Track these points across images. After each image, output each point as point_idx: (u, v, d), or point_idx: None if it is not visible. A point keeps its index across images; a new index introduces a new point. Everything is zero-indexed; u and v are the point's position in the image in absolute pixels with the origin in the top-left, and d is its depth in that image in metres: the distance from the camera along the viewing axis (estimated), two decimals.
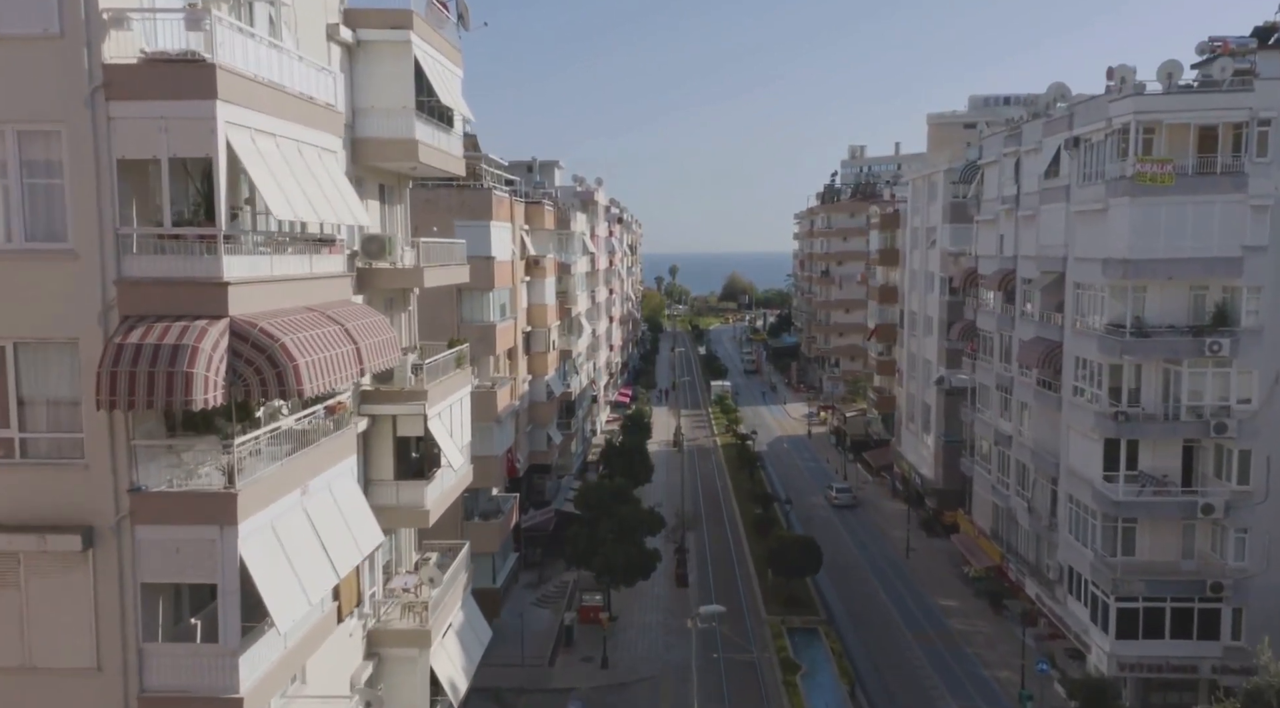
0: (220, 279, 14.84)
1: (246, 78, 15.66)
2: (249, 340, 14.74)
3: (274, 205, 15.22)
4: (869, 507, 73.70)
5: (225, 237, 14.97)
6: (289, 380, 14.78)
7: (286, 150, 16.98)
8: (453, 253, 29.85)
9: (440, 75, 26.47)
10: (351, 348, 17.13)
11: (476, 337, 47.69)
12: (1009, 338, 52.09)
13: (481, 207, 47.45)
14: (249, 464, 15.93)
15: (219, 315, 14.79)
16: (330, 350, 16.21)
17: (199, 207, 15.18)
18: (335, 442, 18.77)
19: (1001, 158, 52.94)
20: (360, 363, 17.45)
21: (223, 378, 14.43)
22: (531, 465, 63.28)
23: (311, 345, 15.65)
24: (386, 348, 19.12)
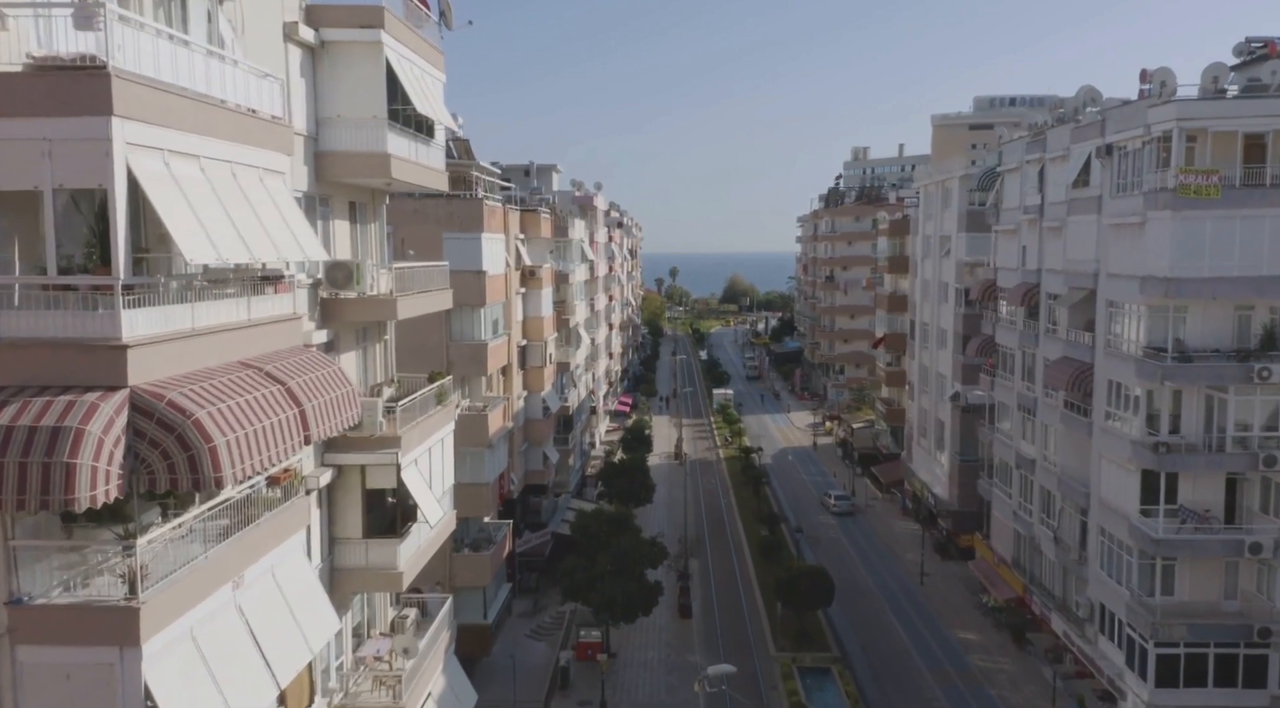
0: (117, 340, 11.89)
1: (158, 88, 12.70)
2: (154, 417, 11.80)
3: (188, 248, 12.26)
4: (880, 527, 70.71)
5: (126, 287, 12.01)
6: (204, 467, 11.84)
7: (216, 175, 14.03)
8: (433, 277, 26.90)
9: (417, 80, 23.52)
10: (293, 412, 14.18)
11: (467, 356, 44.85)
12: (1032, 356, 49.14)
13: (472, 218, 44.48)
14: (166, 554, 13.01)
15: (115, 386, 11.85)
16: (263, 421, 13.26)
17: (93, 249, 12.21)
18: (281, 517, 15.82)
19: (1024, 165, 49.97)
20: (306, 430, 14.50)
21: (119, 467, 11.49)
22: (527, 486, 60.37)
23: (237, 418, 12.69)
24: (341, 406, 16.17)
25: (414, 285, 25.50)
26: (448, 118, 25.58)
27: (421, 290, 25.20)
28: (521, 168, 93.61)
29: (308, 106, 21.47)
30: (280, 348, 16.00)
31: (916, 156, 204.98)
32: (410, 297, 23.88)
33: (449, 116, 25.89)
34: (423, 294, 25.06)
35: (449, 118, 25.78)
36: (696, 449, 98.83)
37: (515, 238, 56.74)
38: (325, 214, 22.53)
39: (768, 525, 65.38)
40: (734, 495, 77.92)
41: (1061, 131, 45.48)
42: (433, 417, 25.21)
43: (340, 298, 21.96)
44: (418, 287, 25.62)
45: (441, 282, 27.35)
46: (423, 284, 26.20)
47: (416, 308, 24.51)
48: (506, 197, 59.63)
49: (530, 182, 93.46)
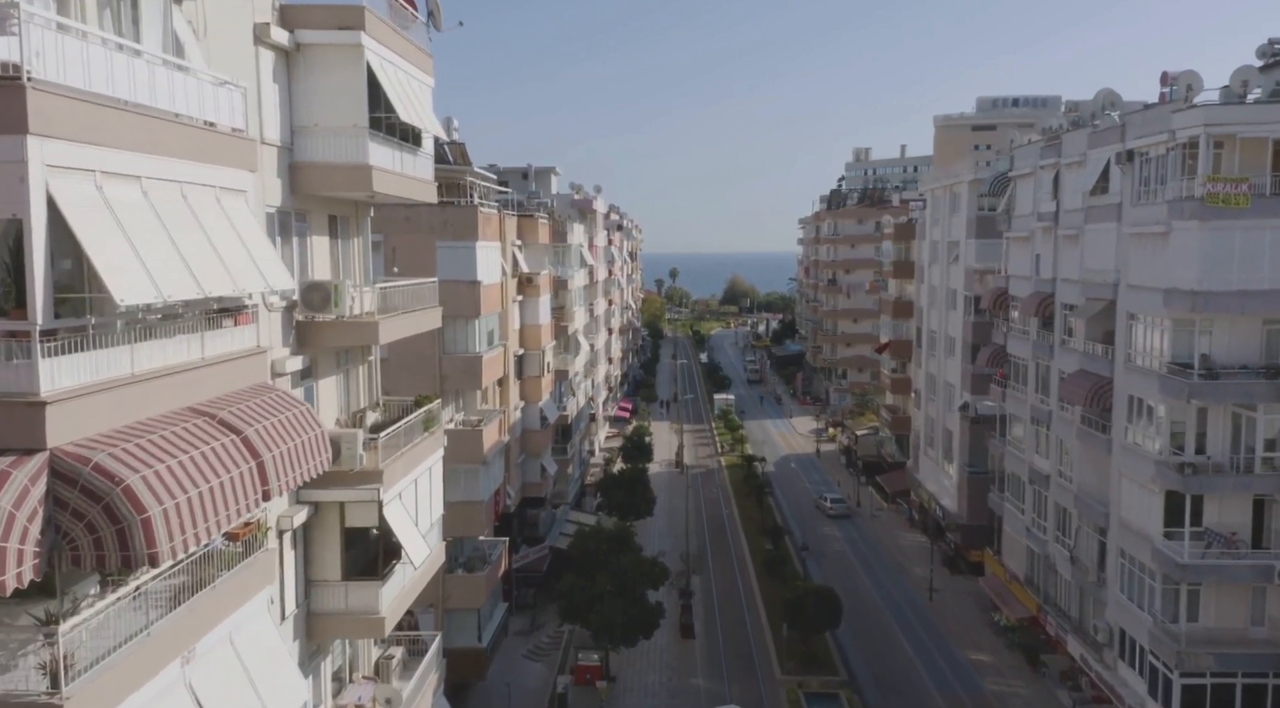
0: (34, 395, 10.23)
1: (89, 102, 11.05)
2: (78, 483, 10.15)
3: (118, 287, 10.60)
4: (885, 539, 69.04)
5: (47, 332, 10.36)
6: (135, 542, 10.19)
7: (162, 198, 12.38)
8: (421, 295, 25.24)
9: (402, 86, 21.86)
10: (250, 466, 12.52)
11: (461, 370, 43.21)
12: (1046, 367, 47.49)
13: (466, 226, 42.83)
14: (104, 627, 11.37)
15: (33, 448, 10.20)
16: (212, 480, 11.61)
17: (9, 289, 10.54)
18: (241, 576, 14.16)
19: (1038, 170, 48.31)
20: (264, 485, 12.85)
21: (35, 545, 9.83)
22: (524, 498, 58.75)
23: (180, 479, 11.05)
24: (308, 453, 14.52)
25: (399, 305, 23.87)
26: (436, 125, 23.92)
27: (408, 310, 23.53)
28: (519, 171, 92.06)
29: (281, 114, 19.82)
30: (241, 387, 14.35)
31: (919, 157, 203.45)
32: (395, 318, 22.21)
33: (437, 124, 24.22)
34: (409, 314, 23.39)
35: (437, 125, 24.11)
36: (697, 456, 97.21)
37: (512, 244, 55.14)
38: (301, 230, 20.88)
39: (771, 538, 63.73)
40: (736, 505, 76.26)
41: (1078, 136, 43.83)
42: (419, 445, 23.56)
43: (317, 321, 20.30)
44: (403, 306, 23.98)
45: (430, 299, 25.69)
46: (409, 303, 24.56)
47: (401, 330, 22.85)
48: (503, 202, 58.00)
49: (528, 185, 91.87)
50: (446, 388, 43.22)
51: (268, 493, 12.93)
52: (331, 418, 22.41)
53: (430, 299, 25.72)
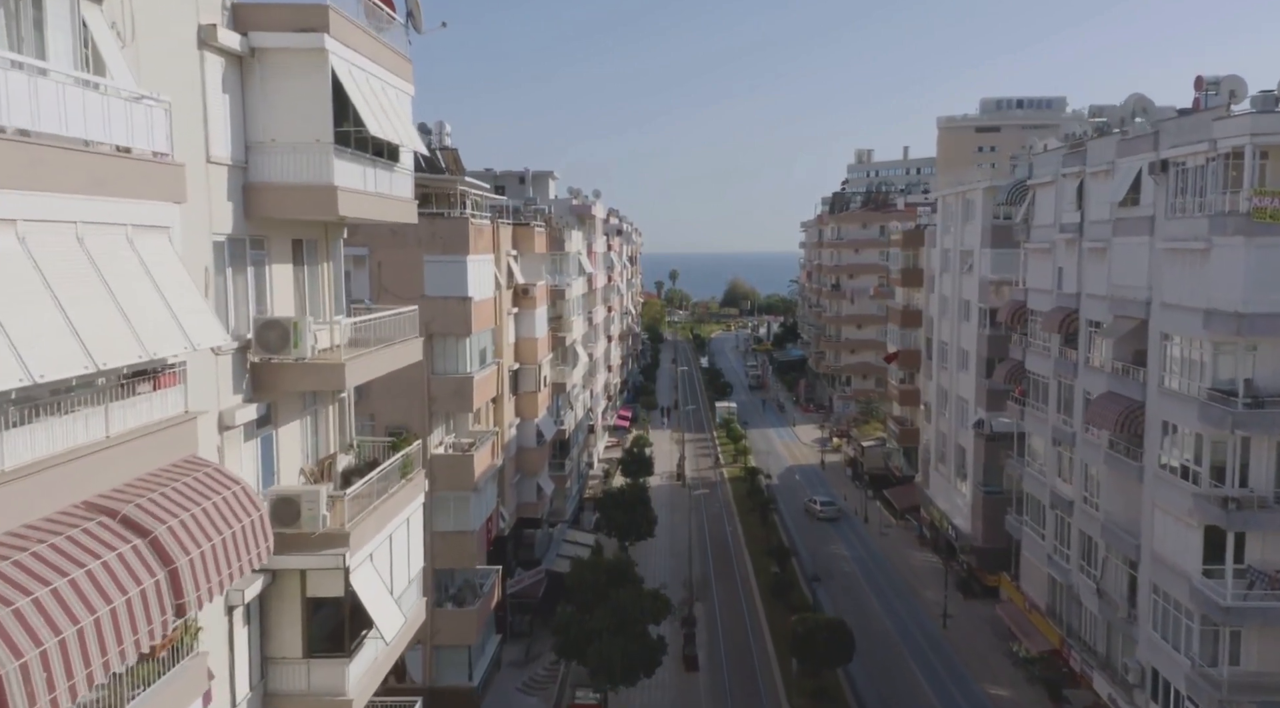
0: None
1: None
2: None
3: None
4: (895, 558, 66.53)
5: None
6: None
7: (46, 246, 9.91)
8: (400, 326, 22.75)
9: (374, 95, 19.38)
10: (156, 579, 10.04)
11: (451, 392, 40.72)
12: (1069, 387, 45.02)
13: (456, 239, 40.33)
14: None
15: None
16: (96, 611, 9.11)
17: None
18: (161, 696, 11.65)
19: (1060, 178, 45.83)
20: (179, 598, 10.37)
21: None
22: (519, 519, 56.31)
23: (49, 618, 8.54)
24: (240, 547, 12.05)
25: (374, 339, 21.39)
26: (415, 139, 21.44)
27: (383, 345, 21.02)
28: (516, 175, 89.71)
29: (233, 129, 17.34)
30: (162, 465, 11.86)
31: (922, 159, 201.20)
32: (366, 356, 19.71)
33: (416, 137, 21.74)
34: (384, 350, 20.88)
35: (416, 139, 21.63)
36: (699, 468, 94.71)
37: (507, 255, 52.70)
38: (259, 259, 18.39)
39: (777, 559, 61.23)
40: (740, 522, 73.73)
41: (1105, 143, 41.36)
42: (396, 495, 21.07)
43: (275, 363, 17.82)
44: (379, 340, 21.50)
45: (409, 331, 23.18)
46: (389, 334, 22.10)
47: (374, 369, 20.36)
48: (497, 210, 55.56)
49: (525, 189, 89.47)
50: (436, 410, 40.78)
51: (183, 608, 10.46)
52: (295, 468, 19.94)
53: (409, 330, 23.22)
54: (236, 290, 17.55)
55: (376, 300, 40.26)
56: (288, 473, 19.44)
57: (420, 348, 23.69)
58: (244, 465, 17.53)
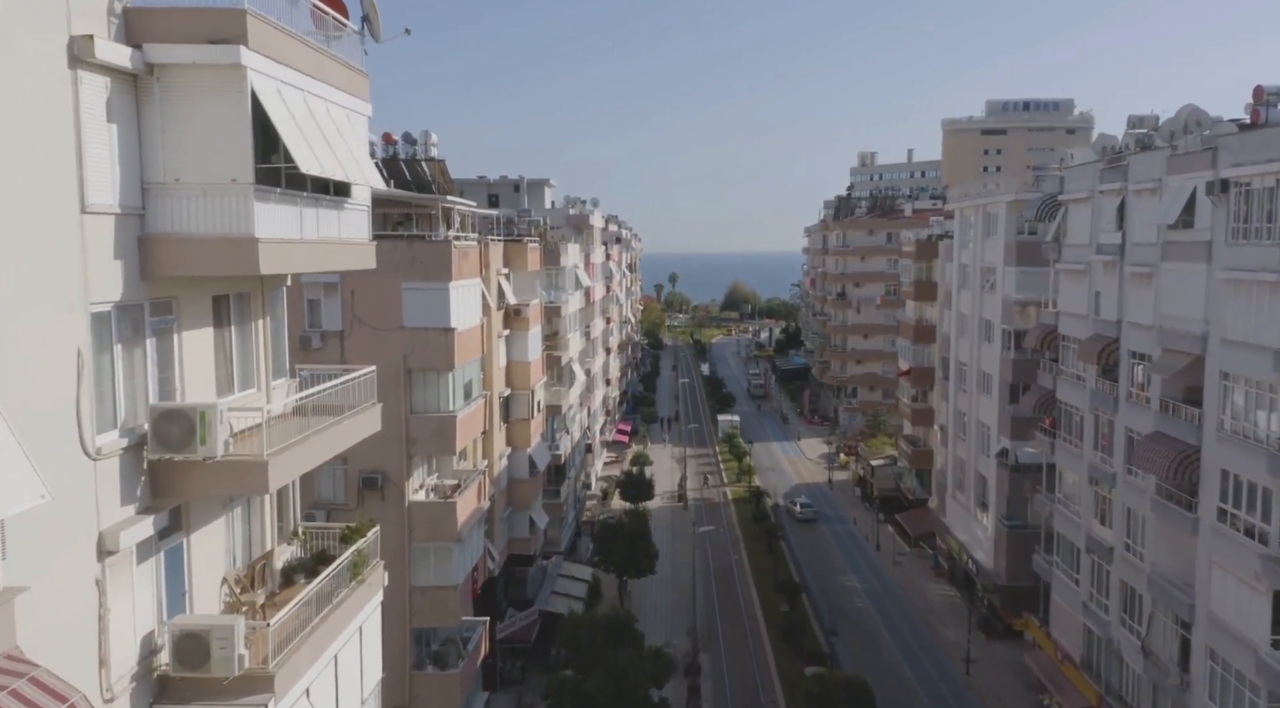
0: None
1: None
2: None
3: None
4: (911, 591, 62.78)
5: None
6: None
7: None
8: (355, 393, 19.00)
9: (313, 122, 15.66)
10: None
11: (431, 433, 36.95)
12: (1109, 423, 41.29)
13: (439, 264, 36.57)
14: None
15: None
16: None
17: None
18: None
19: (1096, 195, 42.12)
20: None
21: None
22: (511, 556, 52.58)
23: None
24: None
25: (324, 409, 17.67)
26: (367, 171, 17.72)
27: (326, 425, 17.25)
28: (511, 183, 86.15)
29: (123, 168, 13.61)
30: None
31: (927, 162, 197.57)
32: (298, 447, 15.89)
33: (369, 169, 18.00)
34: (325, 431, 17.10)
35: (369, 171, 17.91)
36: (701, 488, 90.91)
37: (497, 274, 48.99)
38: (162, 327, 14.67)
39: (787, 597, 57.49)
40: (745, 551, 69.94)
41: (1151, 159, 37.64)
42: (341, 606, 17.35)
43: (178, 462, 14.08)
44: (328, 411, 17.77)
45: (364, 396, 19.43)
46: (340, 403, 18.37)
47: (311, 458, 16.61)
48: (488, 226, 51.91)
49: (520, 198, 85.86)
50: (415, 453, 37.03)
51: None
52: (217, 578, 16.20)
53: (365, 396, 19.46)
54: (129, 371, 13.84)
55: (349, 332, 36.63)
56: (204, 588, 15.72)
57: (378, 416, 19.94)
58: (137, 597, 13.80)
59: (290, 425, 16.90)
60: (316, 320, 36.52)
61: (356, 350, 36.37)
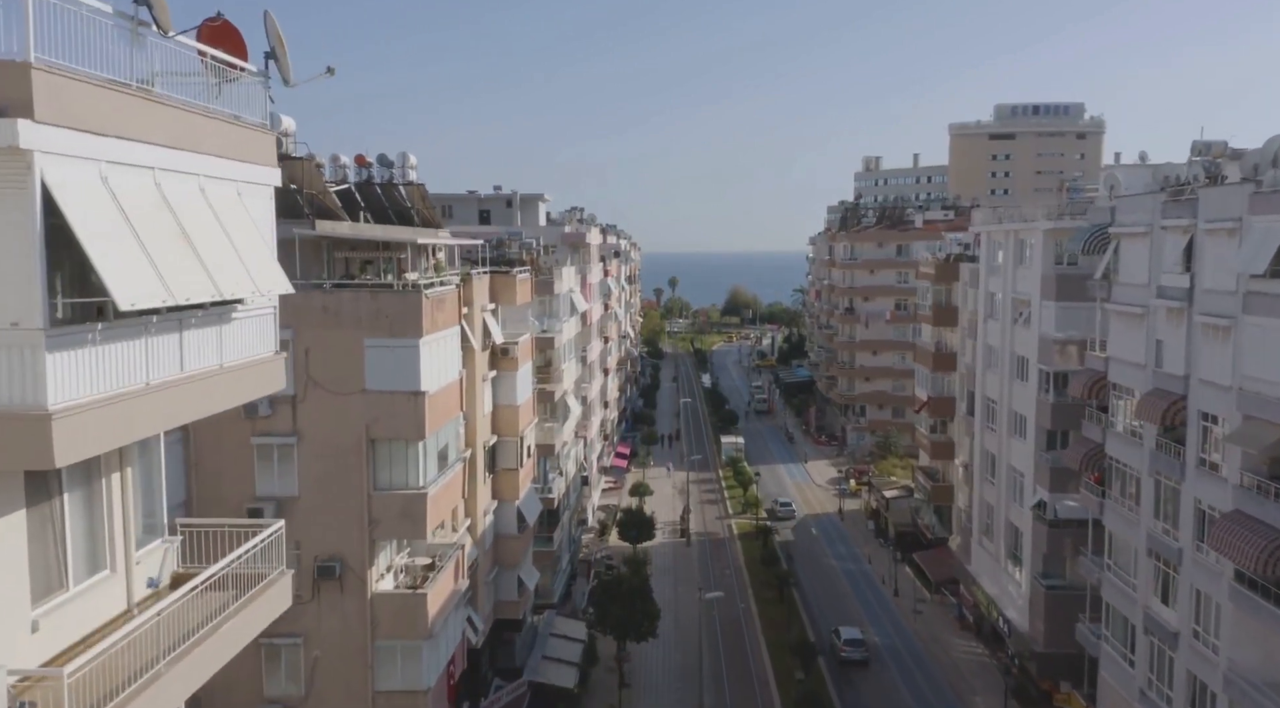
0: None
1: None
2: None
3: None
4: (934, 648, 57.78)
5: None
6: None
7: None
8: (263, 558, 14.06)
9: (167, 215, 10.66)
10: None
11: (397, 512, 31.98)
12: (1173, 490, 36.34)
13: (407, 317, 31.56)
14: None
15: None
16: None
17: None
18: None
19: (1157, 230, 37.16)
20: None
21: None
22: (497, 620, 47.64)
23: None
24: None
25: (207, 597, 12.74)
26: (260, 276, 12.77)
27: (205, 634, 12.28)
28: (504, 198, 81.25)
29: None
30: None
31: (933, 167, 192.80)
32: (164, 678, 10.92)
33: (265, 270, 13.03)
34: (205, 643, 12.13)
35: (264, 274, 12.95)
36: (704, 518, 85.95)
37: (483, 310, 44.11)
38: None
39: (801, 660, 52.45)
40: (753, 598, 64.83)
41: (1228, 194, 32.70)
42: None
43: None
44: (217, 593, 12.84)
45: (271, 560, 14.47)
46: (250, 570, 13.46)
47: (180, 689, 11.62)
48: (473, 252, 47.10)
49: (513, 213, 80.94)
50: (379, 537, 32.05)
51: None
52: None
53: (272, 560, 14.49)
54: None
55: (302, 397, 31.63)
56: None
57: (288, 590, 14.98)
58: None
59: (166, 621, 11.98)
60: None
61: (311, 418, 31.49)
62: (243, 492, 31.50)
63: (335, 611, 31.62)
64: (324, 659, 31.63)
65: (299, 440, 31.49)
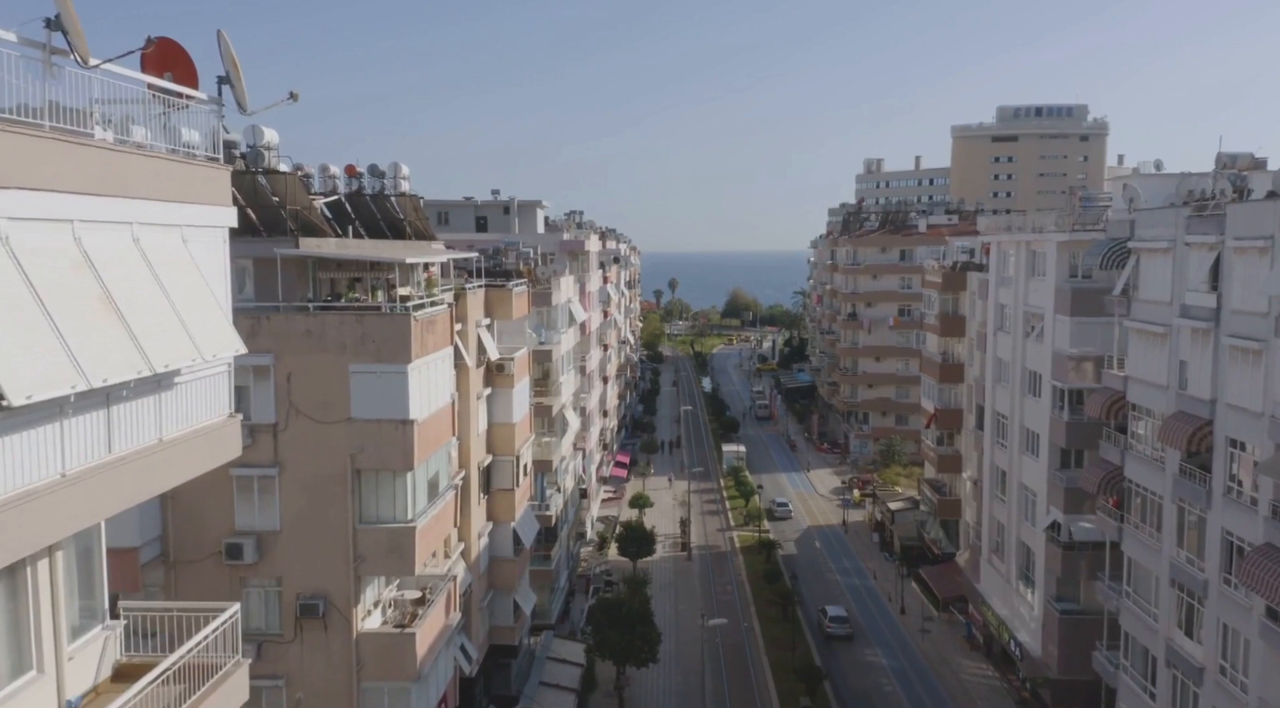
0: None
1: None
2: None
3: None
4: (943, 670, 56.14)
5: None
6: None
7: None
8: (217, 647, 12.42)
9: (88, 276, 9.05)
10: None
11: (384, 546, 30.34)
12: (1199, 518, 34.72)
13: (395, 341, 29.93)
14: None
15: None
16: None
17: None
18: None
19: (1180, 246, 35.54)
20: None
21: None
22: (492, 646, 46.03)
23: None
24: None
25: None
26: (204, 339, 11.12)
27: None
28: (501, 205, 79.86)
29: None
30: None
31: (935, 170, 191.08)
32: None
33: (211, 331, 11.38)
34: None
35: (210, 336, 11.30)
36: (706, 530, 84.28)
37: (477, 326, 42.48)
38: None
39: (807, 686, 50.80)
40: (756, 616, 63.19)
41: (1258, 211, 31.08)
42: None
43: None
44: None
45: (225, 651, 12.82)
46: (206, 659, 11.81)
47: None
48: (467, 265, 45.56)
49: (510, 220, 79.50)
50: (364, 573, 30.42)
51: None
52: None
53: (226, 650, 12.85)
54: None
55: (283, 426, 30.01)
56: None
57: (244, 685, 13.32)
58: None
59: None
60: (244, 411, 29.82)
61: (293, 448, 29.87)
62: (221, 526, 29.88)
63: (319, 651, 30.00)
64: (307, 703, 30.00)
65: (280, 471, 29.87)
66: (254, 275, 31.11)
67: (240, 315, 29.98)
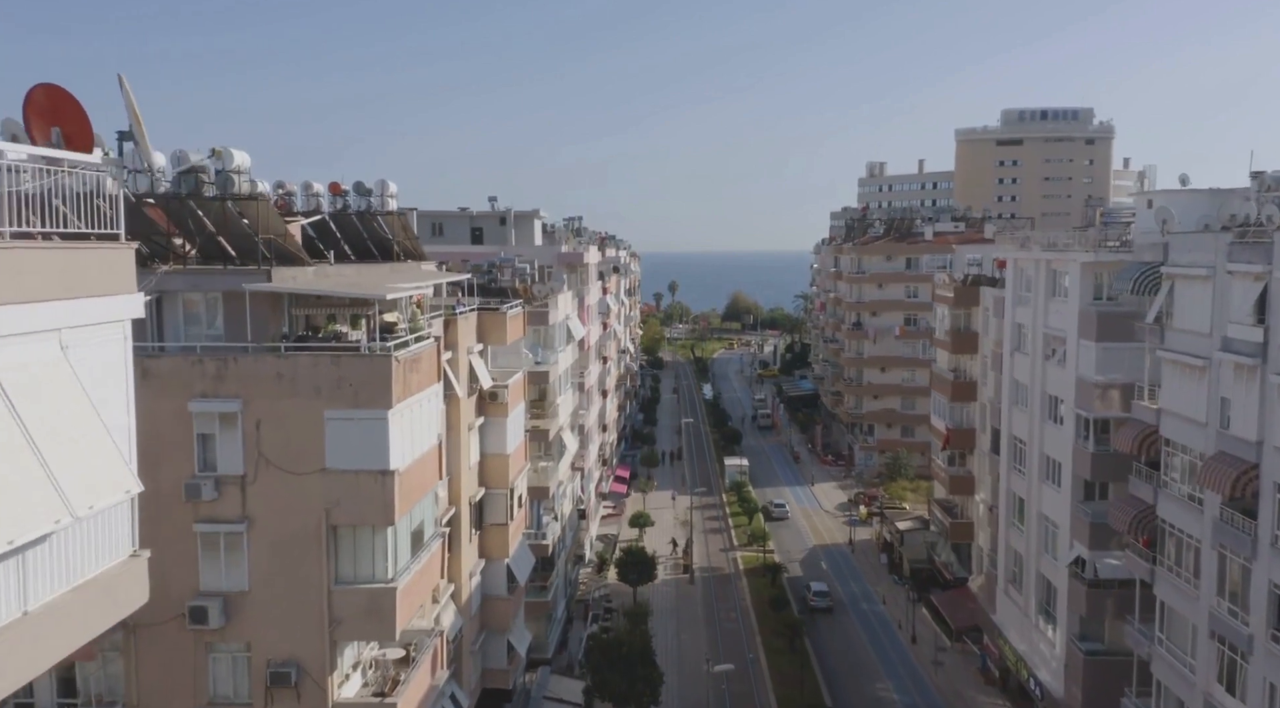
0: None
1: None
2: None
3: None
4: (957, 705, 53.67)
5: None
6: None
7: None
8: None
9: None
10: None
11: (362, 609, 27.80)
12: (1242, 568, 32.26)
13: (374, 386, 27.38)
14: None
15: None
16: None
17: None
18: None
19: (1221, 274, 33.07)
20: None
21: None
22: (485, 690, 43.63)
23: None
24: None
25: None
26: (98, 481, 8.62)
27: None
28: (497, 215, 77.55)
29: None
30: None
31: (939, 173, 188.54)
32: None
33: (107, 472, 8.90)
34: None
35: (110, 475, 8.81)
36: (708, 549, 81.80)
37: (468, 352, 40.07)
38: None
39: None
40: (762, 647, 60.65)
41: None
42: None
43: None
44: None
45: None
46: None
47: None
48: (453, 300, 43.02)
49: (506, 231, 77.19)
50: (340, 638, 27.94)
51: None
52: None
53: None
54: None
55: (253, 478, 27.48)
56: None
57: None
58: None
59: None
60: (209, 462, 27.39)
61: (263, 501, 27.35)
62: (185, 586, 27.36)
63: None
64: None
65: (249, 527, 27.37)
66: (223, 311, 28.66)
67: (206, 357, 27.75)
